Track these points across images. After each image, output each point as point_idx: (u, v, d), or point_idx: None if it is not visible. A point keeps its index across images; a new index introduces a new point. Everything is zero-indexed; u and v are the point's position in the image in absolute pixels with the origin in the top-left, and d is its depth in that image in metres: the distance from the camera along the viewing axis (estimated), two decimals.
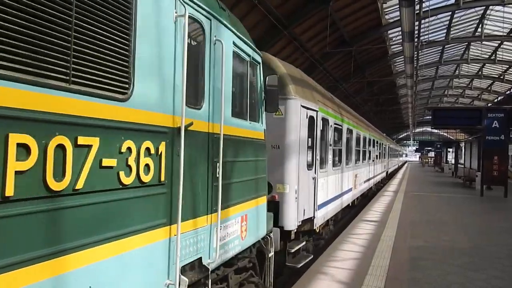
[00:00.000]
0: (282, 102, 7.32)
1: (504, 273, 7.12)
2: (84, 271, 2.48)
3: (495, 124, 20.53)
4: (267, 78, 5.66)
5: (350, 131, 14.05)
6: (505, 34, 34.45)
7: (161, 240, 3.28)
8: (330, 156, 10.51)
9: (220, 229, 4.29)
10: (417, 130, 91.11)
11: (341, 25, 28.67)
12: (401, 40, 23.46)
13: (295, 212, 7.75)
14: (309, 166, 8.68)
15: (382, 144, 29.28)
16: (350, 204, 14.74)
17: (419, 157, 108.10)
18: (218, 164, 4.14)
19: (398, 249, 8.62)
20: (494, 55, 40.08)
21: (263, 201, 5.81)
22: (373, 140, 22.01)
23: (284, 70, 8.02)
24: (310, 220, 8.83)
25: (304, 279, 6.51)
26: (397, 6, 18.26)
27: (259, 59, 5.74)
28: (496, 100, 57.56)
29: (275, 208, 7.40)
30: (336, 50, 30.31)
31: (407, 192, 21.56)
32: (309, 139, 8.63)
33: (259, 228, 5.69)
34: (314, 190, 8.93)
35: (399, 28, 23.95)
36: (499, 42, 36.82)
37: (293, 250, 7.88)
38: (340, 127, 12.07)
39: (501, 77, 47.28)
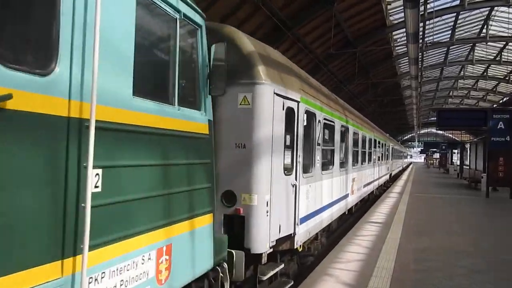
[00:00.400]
0: (249, 87, 5.76)
1: (510, 275, 7.07)
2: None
3: (501, 125, 20.44)
4: (212, 47, 4.39)
5: (345, 129, 11.98)
6: (510, 35, 34.28)
7: None
8: (318, 158, 8.51)
9: (96, 279, 2.75)
10: (422, 131, 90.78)
11: (346, 26, 28.64)
12: (405, 41, 23.41)
13: (267, 230, 5.89)
14: (287, 170, 6.74)
15: (385, 144, 26.96)
16: (346, 212, 12.74)
17: (424, 158, 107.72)
18: (89, 172, 2.57)
19: (403, 250, 8.59)
20: (499, 56, 39.90)
21: (205, 221, 4.32)
22: (375, 140, 19.99)
23: (252, 47, 6.11)
24: (290, 238, 6.92)
25: (309, 281, 6.50)
26: (402, 7, 18.22)
27: (200, 20, 4.29)
28: (501, 101, 57.25)
29: (240, 225, 5.72)
30: (340, 51, 30.27)
31: (412, 194, 21.47)
32: (288, 137, 6.80)
33: (196, 260, 4.13)
34: (294, 200, 6.94)
35: (404, 29, 23.90)
36: (505, 43, 36.64)
37: (265, 278, 6.09)
38: (331, 123, 10.03)
39: (507, 78, 47.03)
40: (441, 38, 36.67)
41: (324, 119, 9.11)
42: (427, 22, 25.80)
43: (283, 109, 6.46)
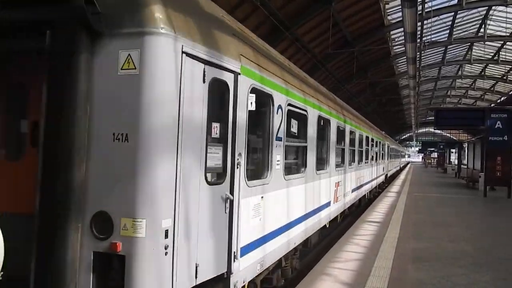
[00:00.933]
0: (135, 40, 3.56)
1: (508, 274, 7.09)
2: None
3: (498, 124, 20.47)
4: None
5: (325, 122, 9.59)
6: (508, 34, 34.37)
7: None
8: (277, 158, 6.18)
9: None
10: (420, 130, 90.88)
11: (344, 26, 28.65)
12: (403, 41, 23.43)
13: (166, 279, 3.66)
14: (215, 177, 4.58)
15: (380, 143, 24.78)
16: (327, 225, 10.33)
17: (422, 157, 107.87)
18: None
19: (401, 250, 8.60)
20: (497, 55, 39.98)
21: None
22: (367, 138, 17.63)
23: None
24: (222, 280, 4.60)
25: (307, 280, 6.50)
26: (400, 6, 18.24)
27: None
28: (499, 101, 57.38)
29: (119, 271, 3.51)
30: (338, 51, 30.29)
31: (410, 193, 21.50)
32: (217, 126, 4.51)
33: None
34: (228, 222, 4.66)
35: (402, 29, 23.93)
36: (502, 42, 36.73)
37: None
38: (303, 112, 7.69)
39: (504, 78, 47.14)
40: (439, 37, 36.72)
41: (290, 105, 6.78)
42: (425, 22, 25.89)
43: (204, 80, 4.17)
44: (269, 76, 5.91)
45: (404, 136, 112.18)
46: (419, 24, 19.01)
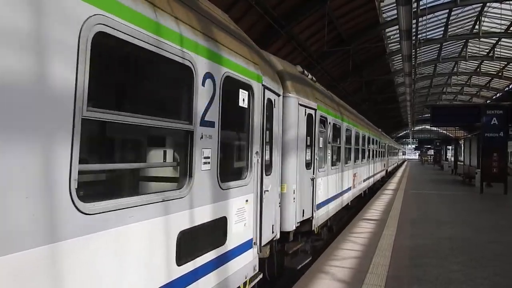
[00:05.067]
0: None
1: (505, 270, 7.10)
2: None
3: (494, 121, 20.55)
4: None
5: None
6: (502, 30, 34.51)
7: None
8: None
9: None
10: (416, 128, 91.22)
11: (339, 24, 28.69)
12: (398, 38, 23.46)
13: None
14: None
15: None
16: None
17: (419, 155, 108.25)
18: None
19: (398, 247, 8.61)
20: (492, 52, 40.14)
21: None
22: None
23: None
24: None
25: (305, 278, 6.50)
26: (394, 4, 18.26)
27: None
28: (494, 97, 57.63)
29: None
30: (334, 49, 30.32)
31: (407, 190, 21.55)
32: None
33: None
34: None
35: (397, 27, 23.94)
36: (497, 39, 36.88)
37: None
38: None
39: (500, 74, 47.35)
40: (434, 34, 36.83)
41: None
42: (420, 19, 25.93)
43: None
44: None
45: (400, 134, 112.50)
46: (414, 21, 19.04)
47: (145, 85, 4.42)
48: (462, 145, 37.17)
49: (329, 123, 10.50)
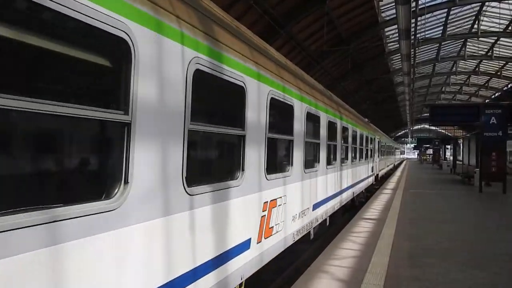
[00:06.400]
0: None
1: (504, 270, 7.12)
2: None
3: (493, 120, 20.57)
4: None
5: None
6: (501, 30, 34.54)
7: None
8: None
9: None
10: (415, 127, 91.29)
11: (338, 23, 28.70)
12: (397, 38, 23.49)
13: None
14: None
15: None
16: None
17: (418, 154, 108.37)
18: None
19: (397, 246, 8.63)
20: (491, 51, 40.17)
21: None
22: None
23: None
24: None
25: (304, 278, 6.51)
26: (393, 3, 18.28)
27: None
28: (493, 96, 57.69)
29: None
30: (333, 48, 30.35)
31: (406, 190, 21.57)
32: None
33: None
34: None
35: (396, 26, 23.96)
36: (496, 38, 36.92)
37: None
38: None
39: (498, 74, 47.39)
40: (433, 34, 36.85)
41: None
42: (419, 18, 25.98)
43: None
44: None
45: (399, 133, 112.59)
46: (413, 21, 19.06)
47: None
48: (461, 144, 37.21)
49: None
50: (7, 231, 2.20)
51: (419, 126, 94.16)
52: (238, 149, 5.21)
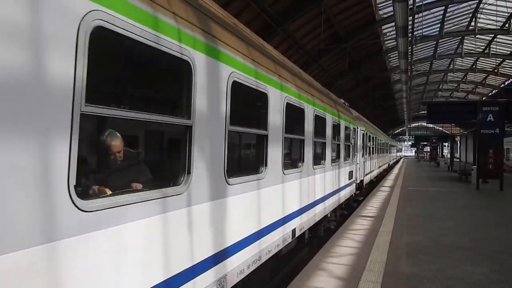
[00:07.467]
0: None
1: (501, 266, 7.14)
2: None
3: (490, 117, 20.63)
4: None
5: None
6: (498, 27, 34.58)
7: None
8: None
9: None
10: (413, 125, 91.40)
11: (335, 21, 28.69)
12: (395, 35, 23.48)
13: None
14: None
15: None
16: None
17: (415, 152, 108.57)
18: None
19: (395, 244, 8.64)
20: (488, 48, 40.22)
21: None
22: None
23: None
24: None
25: (303, 275, 6.51)
26: (391, 1, 18.27)
27: None
28: (490, 94, 57.79)
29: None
30: (331, 46, 30.33)
31: (404, 187, 21.61)
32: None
33: None
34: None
35: (393, 23, 23.95)
36: (493, 35, 36.96)
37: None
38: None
39: (495, 71, 47.47)
40: (430, 31, 36.88)
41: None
42: (416, 16, 25.95)
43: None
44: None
45: (397, 131, 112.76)
46: (410, 18, 19.05)
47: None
48: (458, 142, 37.28)
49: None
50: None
51: (417, 124, 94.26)
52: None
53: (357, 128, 16.60)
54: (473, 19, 34.03)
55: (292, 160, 8.16)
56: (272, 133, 6.28)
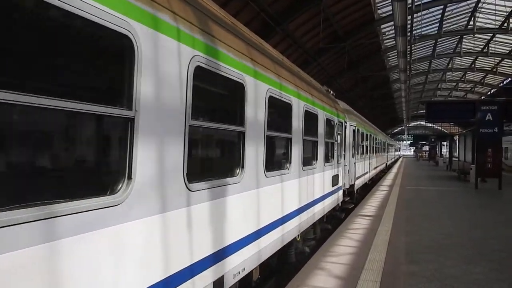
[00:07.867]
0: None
1: (500, 265, 7.15)
2: None
3: (489, 116, 20.65)
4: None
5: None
6: (497, 26, 34.60)
7: None
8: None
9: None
10: (412, 124, 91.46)
11: (334, 20, 28.67)
12: (394, 35, 23.49)
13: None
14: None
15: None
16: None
17: (414, 151, 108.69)
18: None
19: (394, 243, 8.65)
20: (486, 48, 40.24)
21: None
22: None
23: None
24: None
25: (301, 275, 6.52)
26: (389, 0, 18.27)
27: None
28: (489, 93, 57.82)
29: None
30: (329, 45, 30.32)
31: (403, 186, 21.63)
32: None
33: None
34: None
35: (392, 23, 23.96)
36: (491, 34, 36.98)
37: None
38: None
39: (494, 70, 47.50)
40: (429, 31, 36.90)
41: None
42: (415, 15, 25.93)
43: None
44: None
45: (396, 130, 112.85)
46: (409, 17, 19.05)
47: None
48: (457, 141, 37.29)
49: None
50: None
51: (415, 123, 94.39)
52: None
53: (346, 122, 14.04)
54: (472, 18, 34.03)
55: (222, 166, 5.16)
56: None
